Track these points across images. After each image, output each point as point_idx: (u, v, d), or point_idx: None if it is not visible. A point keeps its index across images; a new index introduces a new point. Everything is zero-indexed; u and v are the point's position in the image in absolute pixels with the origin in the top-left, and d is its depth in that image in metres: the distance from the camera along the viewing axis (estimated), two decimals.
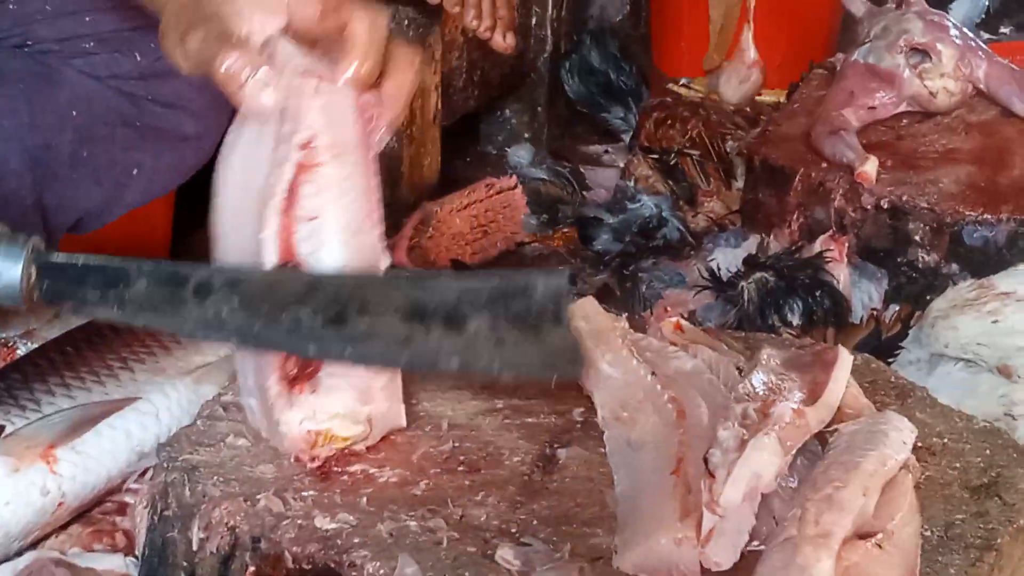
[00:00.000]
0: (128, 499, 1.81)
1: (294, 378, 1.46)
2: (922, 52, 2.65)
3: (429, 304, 1.39)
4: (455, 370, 1.41)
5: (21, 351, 2.06)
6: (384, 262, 1.49)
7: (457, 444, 1.55)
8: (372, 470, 1.49)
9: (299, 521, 1.40)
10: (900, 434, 1.46)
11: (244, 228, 1.44)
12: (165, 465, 1.52)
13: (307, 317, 1.39)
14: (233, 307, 1.40)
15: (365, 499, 1.44)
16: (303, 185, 1.41)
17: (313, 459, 1.48)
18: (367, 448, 1.51)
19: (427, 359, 1.40)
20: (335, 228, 1.44)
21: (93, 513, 1.80)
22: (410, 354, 1.40)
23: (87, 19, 1.94)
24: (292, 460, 1.49)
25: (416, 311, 1.39)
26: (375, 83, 1.45)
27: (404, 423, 1.55)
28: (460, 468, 1.51)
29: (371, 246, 1.47)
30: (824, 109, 2.67)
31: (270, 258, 1.42)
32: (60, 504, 1.72)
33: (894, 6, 2.78)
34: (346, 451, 1.50)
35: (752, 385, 1.50)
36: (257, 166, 1.44)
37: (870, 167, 2.46)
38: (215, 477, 1.47)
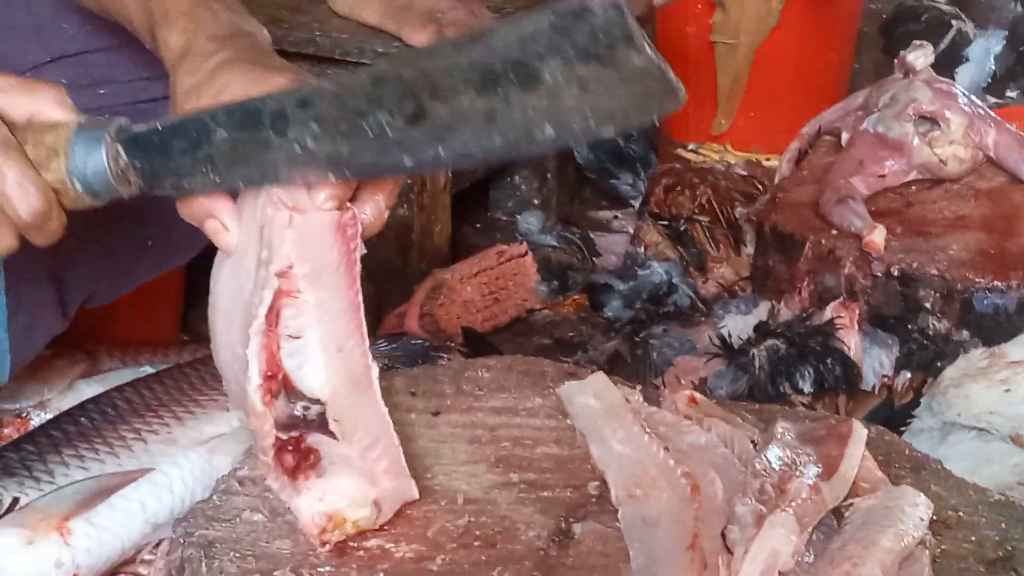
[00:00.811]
0: (142, 571, 1.81)
1: (295, 469, 1.46)
2: (931, 120, 2.66)
3: (496, 65, 1.31)
4: (552, 140, 1.32)
5: (35, 422, 2.06)
6: (373, 371, 1.47)
7: (473, 519, 1.55)
8: (388, 545, 1.49)
9: None
10: (916, 510, 1.47)
11: (234, 335, 1.44)
12: (181, 540, 1.52)
13: (387, 120, 1.33)
14: (314, 133, 1.35)
15: (381, 575, 1.44)
16: (284, 308, 1.40)
17: (324, 544, 1.48)
18: (383, 524, 1.51)
19: (520, 134, 1.32)
20: (318, 348, 1.42)
21: None
22: (501, 134, 1.33)
23: (101, 92, 1.95)
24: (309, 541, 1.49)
25: (487, 76, 1.31)
26: (352, 195, 1.43)
27: (416, 495, 1.55)
28: (476, 543, 1.51)
29: (356, 361, 1.45)
30: (833, 177, 2.68)
31: (254, 372, 1.40)
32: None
33: (901, 75, 2.80)
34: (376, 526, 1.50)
35: (768, 460, 1.51)
36: (243, 282, 1.43)
37: (878, 236, 2.46)
38: (232, 553, 1.47)
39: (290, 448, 1.45)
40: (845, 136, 2.81)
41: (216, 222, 1.43)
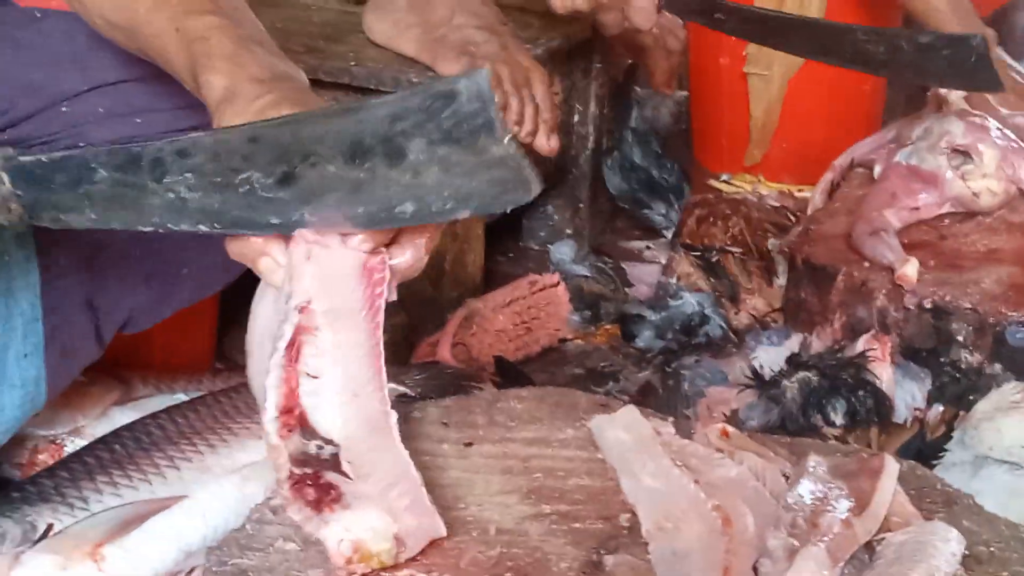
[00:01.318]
0: None
1: (317, 502, 1.46)
2: (964, 154, 2.66)
3: (365, 138, 1.34)
4: (411, 216, 1.36)
5: (69, 448, 2.07)
6: (392, 417, 1.47)
7: (505, 550, 1.55)
8: (420, 575, 1.50)
9: None
10: (948, 545, 1.47)
11: (264, 365, 1.45)
12: (215, 569, 1.53)
13: (258, 179, 1.37)
14: (189, 183, 1.38)
15: None
16: (305, 345, 1.41)
17: (350, 574, 1.48)
18: (415, 556, 1.52)
19: (382, 206, 1.36)
20: (334, 390, 1.42)
21: None
22: (364, 205, 1.36)
23: (138, 120, 1.96)
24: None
25: (356, 147, 1.34)
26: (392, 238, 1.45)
27: (443, 532, 1.55)
28: (508, 574, 1.51)
29: (373, 407, 1.45)
30: (865, 209, 2.68)
31: (272, 405, 1.41)
32: None
33: (934, 108, 2.80)
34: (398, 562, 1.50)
35: (799, 494, 1.51)
36: (275, 314, 1.45)
37: (910, 269, 2.46)
38: None
39: (309, 483, 1.44)
40: (878, 168, 2.81)
41: (270, 260, 1.44)
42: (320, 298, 1.41)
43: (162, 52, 1.68)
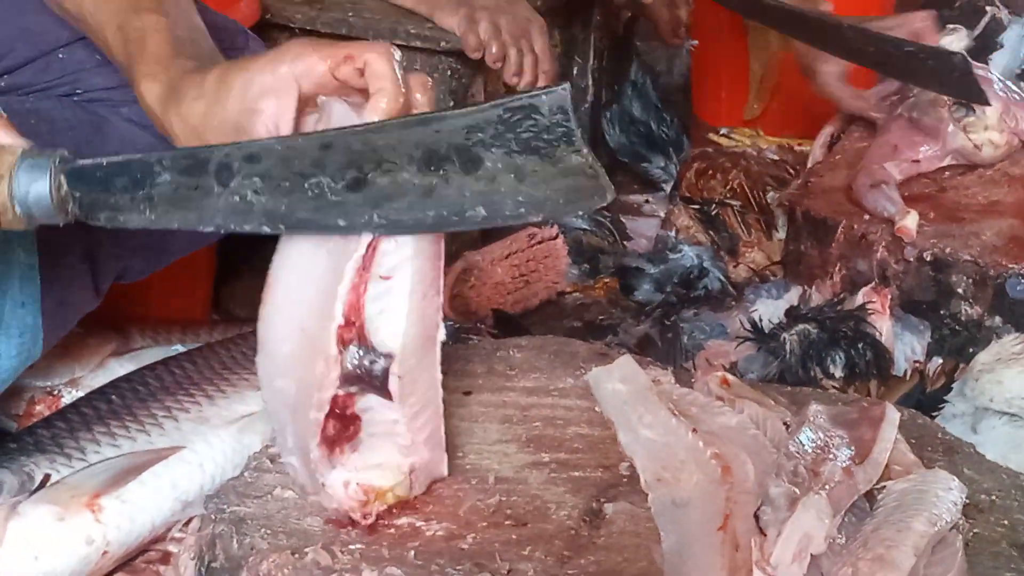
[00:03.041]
0: (172, 548, 1.81)
1: (334, 439, 1.47)
2: (966, 106, 2.64)
3: (441, 147, 1.38)
4: (482, 220, 1.40)
5: (66, 399, 2.07)
6: (441, 331, 1.50)
7: (504, 498, 1.55)
8: (419, 523, 1.50)
9: (347, 574, 1.40)
10: (950, 494, 1.47)
11: (309, 288, 1.45)
12: (213, 517, 1.53)
13: (328, 184, 1.40)
14: (256, 187, 1.40)
15: (412, 552, 1.44)
16: (383, 241, 1.42)
17: (365, 516, 1.48)
18: (414, 501, 1.52)
19: (453, 211, 1.39)
20: (405, 290, 1.44)
21: (137, 562, 1.80)
22: (435, 208, 1.39)
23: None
24: (344, 519, 1.49)
25: (431, 156, 1.38)
26: None
27: (446, 473, 1.56)
28: (507, 522, 1.51)
29: (432, 313, 1.48)
30: (866, 161, 2.67)
31: (338, 312, 1.42)
32: (105, 553, 1.72)
33: None
34: (394, 505, 1.50)
35: (801, 442, 1.50)
36: (317, 255, 1.45)
37: (910, 221, 2.46)
38: (263, 530, 1.48)
39: (337, 412, 1.45)
40: (880, 121, 2.79)
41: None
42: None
43: (104, 46, 1.70)
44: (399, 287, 1.44)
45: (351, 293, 1.42)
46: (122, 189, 1.43)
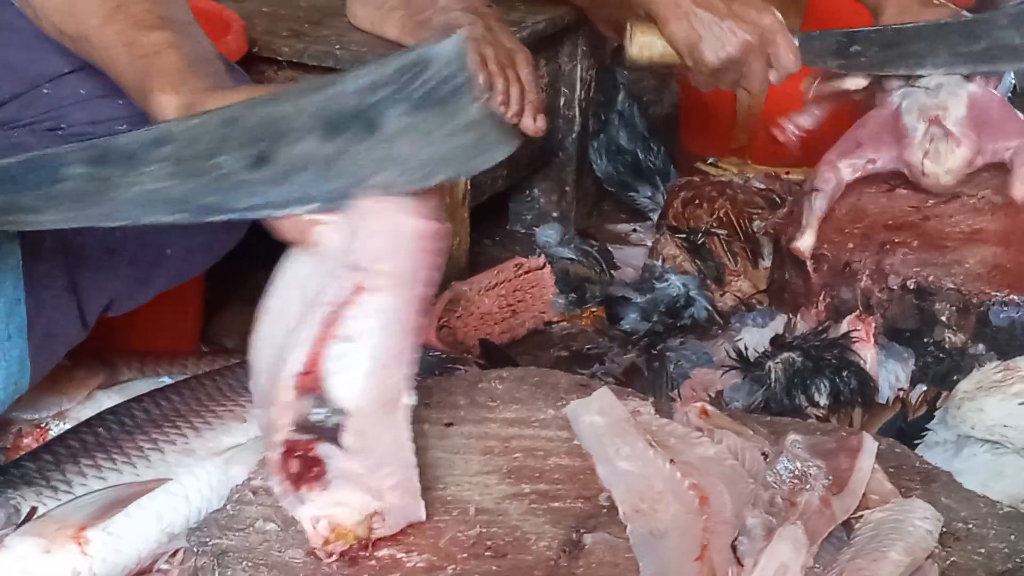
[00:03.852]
0: None
1: (298, 476, 1.47)
2: (946, 135, 2.63)
3: (339, 113, 1.35)
4: (388, 185, 1.37)
5: (53, 432, 2.08)
6: (405, 399, 1.48)
7: (484, 529, 1.56)
8: (400, 555, 1.50)
9: None
10: (926, 523, 1.48)
11: (281, 325, 1.46)
12: (195, 549, 1.53)
13: (231, 163, 1.37)
14: (164, 172, 1.38)
15: None
16: (351, 307, 1.41)
17: (329, 555, 1.49)
18: (396, 533, 1.52)
19: (354, 179, 1.37)
20: (364, 356, 1.43)
21: None
22: (338, 179, 1.38)
23: (120, 102, 1.96)
24: (308, 555, 1.50)
25: (329, 123, 1.35)
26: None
27: (422, 517, 1.56)
28: (487, 553, 1.52)
29: (393, 384, 1.46)
30: (829, 153, 2.69)
31: (298, 361, 1.42)
32: None
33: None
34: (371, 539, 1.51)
35: (778, 472, 1.51)
36: (319, 275, 1.44)
37: (803, 243, 2.53)
38: (244, 562, 1.49)
39: (298, 453, 1.45)
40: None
41: (324, 227, 1.44)
42: (387, 259, 1.41)
43: (110, 64, 1.70)
44: (359, 352, 1.42)
45: (315, 344, 1.41)
46: (34, 186, 1.41)
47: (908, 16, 2.75)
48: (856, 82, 2.78)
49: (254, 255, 1.78)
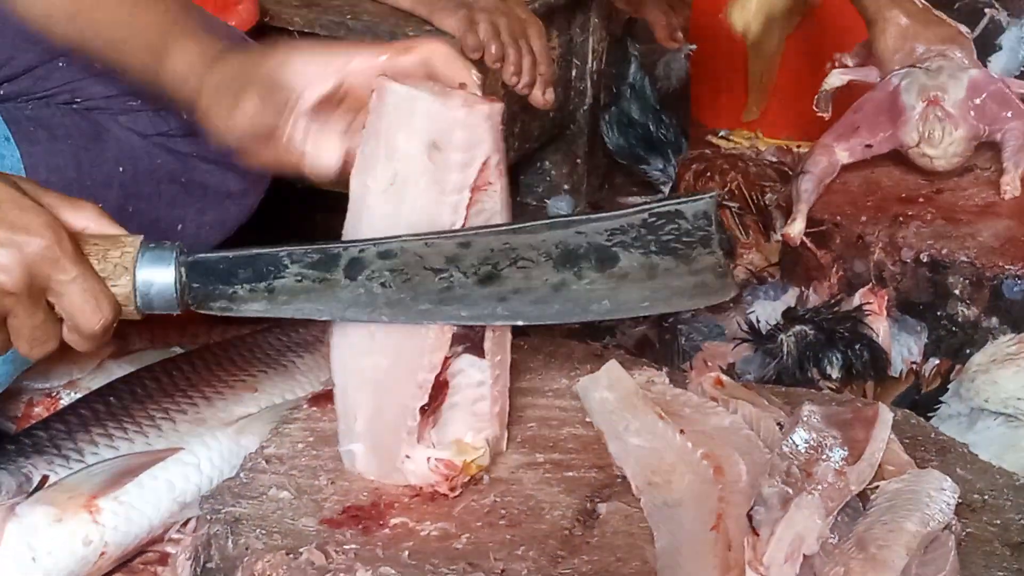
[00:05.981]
0: (169, 549, 1.82)
1: (423, 410, 1.51)
2: (944, 116, 2.61)
3: (580, 247, 1.42)
4: (604, 313, 1.44)
5: (64, 401, 2.07)
6: None
7: (498, 498, 1.55)
8: (413, 524, 1.50)
9: (341, 574, 1.41)
10: (942, 494, 1.47)
11: None
12: (208, 517, 1.53)
13: (459, 279, 1.42)
14: (384, 280, 1.42)
15: (407, 553, 1.45)
16: (476, 203, 1.46)
17: (452, 489, 1.53)
18: (407, 501, 1.53)
19: (579, 304, 1.43)
20: None
21: (134, 563, 1.81)
22: (561, 302, 1.43)
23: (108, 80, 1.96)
24: (427, 488, 1.54)
25: (568, 255, 1.42)
26: None
27: (503, 449, 1.61)
28: (501, 522, 1.51)
29: None
30: (826, 134, 2.69)
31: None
32: (102, 554, 1.73)
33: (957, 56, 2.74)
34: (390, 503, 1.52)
35: (794, 442, 1.51)
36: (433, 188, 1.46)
37: (792, 229, 2.55)
38: (258, 530, 1.48)
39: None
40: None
41: None
42: (495, 151, 1.46)
43: (113, 31, 1.69)
44: None
45: None
46: (244, 281, 1.43)
47: (908, 38, 2.74)
48: (870, 74, 2.78)
49: (266, 229, 1.78)
